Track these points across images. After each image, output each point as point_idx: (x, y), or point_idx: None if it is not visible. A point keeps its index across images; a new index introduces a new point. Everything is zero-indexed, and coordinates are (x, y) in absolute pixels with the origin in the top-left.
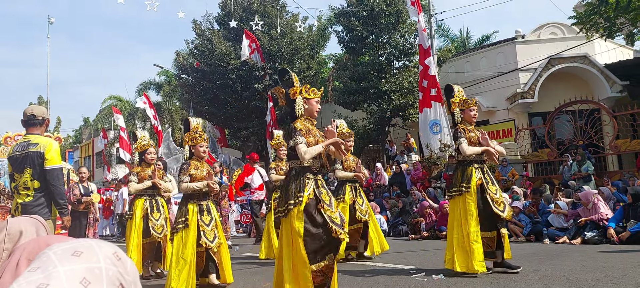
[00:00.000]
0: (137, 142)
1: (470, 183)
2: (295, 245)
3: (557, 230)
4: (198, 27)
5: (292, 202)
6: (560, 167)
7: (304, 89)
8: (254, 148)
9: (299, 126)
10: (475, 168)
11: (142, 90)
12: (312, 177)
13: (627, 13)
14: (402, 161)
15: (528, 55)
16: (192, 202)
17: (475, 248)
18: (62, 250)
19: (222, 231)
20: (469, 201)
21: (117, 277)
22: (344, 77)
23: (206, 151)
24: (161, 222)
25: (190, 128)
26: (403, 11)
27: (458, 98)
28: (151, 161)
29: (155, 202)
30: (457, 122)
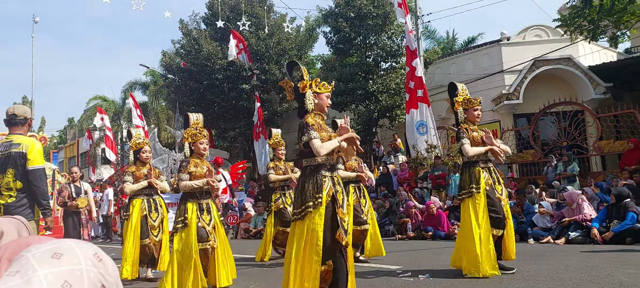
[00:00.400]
0: (132, 140)
1: (480, 184)
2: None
3: (541, 230)
4: (185, 26)
5: (311, 203)
6: (544, 167)
7: (314, 82)
8: (241, 149)
9: (311, 121)
10: (481, 168)
11: (128, 90)
12: (329, 175)
13: (611, 15)
14: (389, 162)
15: (513, 57)
16: (191, 200)
17: (489, 249)
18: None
19: (223, 232)
20: (480, 203)
21: (98, 279)
22: (332, 78)
23: (206, 148)
24: (158, 223)
25: (190, 124)
26: (390, 13)
27: (462, 97)
28: (146, 160)
29: (153, 201)
30: (460, 122)
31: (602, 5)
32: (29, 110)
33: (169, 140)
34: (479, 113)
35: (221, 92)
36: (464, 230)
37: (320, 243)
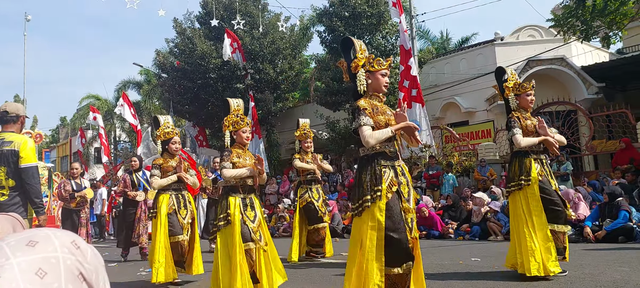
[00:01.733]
0: (160, 129)
1: (531, 175)
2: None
3: None
4: (179, 25)
5: (369, 197)
6: None
7: (368, 60)
8: None
9: (364, 104)
10: (533, 159)
11: (121, 89)
12: (389, 164)
13: (604, 16)
14: None
15: (507, 57)
16: (234, 194)
17: (548, 247)
18: (16, 240)
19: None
20: (531, 195)
21: (76, 266)
22: (326, 77)
23: (249, 137)
24: (188, 220)
25: (231, 110)
26: (385, 12)
27: (512, 82)
28: (175, 151)
29: (182, 197)
30: (512, 109)
31: (595, 5)
32: (22, 107)
33: None
34: (532, 98)
35: (215, 91)
36: (516, 227)
37: (382, 242)
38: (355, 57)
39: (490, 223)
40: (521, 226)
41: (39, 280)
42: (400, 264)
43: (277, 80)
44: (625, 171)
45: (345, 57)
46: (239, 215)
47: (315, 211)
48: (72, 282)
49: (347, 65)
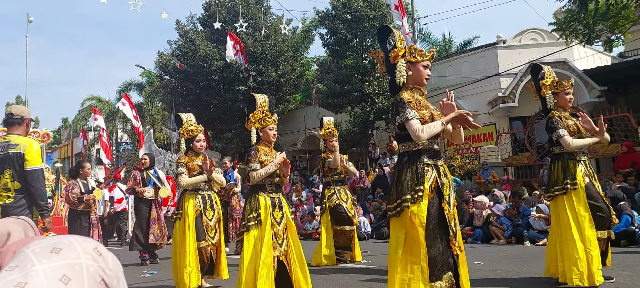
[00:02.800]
0: (183, 126)
1: (577, 179)
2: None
3: (537, 232)
4: (181, 27)
5: (409, 197)
6: (539, 170)
7: (409, 50)
8: (237, 150)
9: (407, 97)
10: (577, 160)
11: (123, 90)
12: (432, 163)
13: (606, 20)
14: (384, 164)
15: (509, 60)
16: (263, 193)
17: (594, 255)
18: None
19: (295, 233)
20: (577, 200)
21: (98, 273)
22: (328, 79)
23: (275, 134)
24: (214, 222)
25: (257, 106)
26: (387, 15)
27: (549, 80)
28: (200, 149)
29: (208, 197)
30: (550, 109)
31: (598, 9)
32: (27, 110)
33: (165, 141)
34: (571, 97)
35: (217, 94)
36: (561, 233)
37: (424, 248)
38: (393, 46)
39: (493, 227)
40: (565, 233)
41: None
42: (440, 276)
43: (278, 82)
44: (627, 175)
45: (381, 47)
46: (269, 216)
47: (344, 213)
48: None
49: (385, 55)
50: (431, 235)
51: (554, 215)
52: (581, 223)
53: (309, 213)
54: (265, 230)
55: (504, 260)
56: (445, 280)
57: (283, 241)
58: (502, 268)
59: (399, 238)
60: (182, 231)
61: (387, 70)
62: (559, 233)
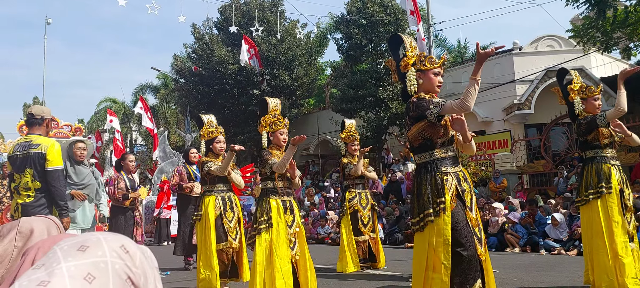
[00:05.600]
0: (203, 128)
1: (611, 183)
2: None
3: (553, 241)
4: (197, 31)
5: (431, 211)
6: (555, 178)
7: (418, 58)
8: (250, 153)
9: (423, 95)
10: (612, 165)
11: (138, 92)
12: (451, 170)
13: (624, 27)
14: (398, 169)
15: (525, 67)
16: (274, 196)
17: (627, 263)
18: (69, 245)
19: (304, 237)
20: (612, 205)
21: (124, 271)
22: (342, 84)
23: (286, 139)
24: (234, 223)
25: (268, 110)
26: (403, 20)
27: (577, 85)
28: (220, 151)
29: (228, 199)
30: (577, 114)
31: (616, 17)
32: (48, 110)
33: (179, 143)
34: (600, 103)
35: (231, 97)
36: (593, 240)
37: (448, 262)
38: (404, 55)
39: (508, 235)
40: (596, 239)
41: (88, 285)
42: (472, 283)
43: (292, 86)
44: None
45: (393, 55)
46: (283, 219)
47: (357, 222)
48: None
49: (396, 64)
50: (464, 243)
51: (585, 221)
52: (614, 230)
53: (322, 218)
54: (280, 234)
55: (519, 268)
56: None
57: (295, 245)
58: (518, 276)
59: (423, 253)
60: (202, 233)
61: (399, 79)
62: (589, 239)
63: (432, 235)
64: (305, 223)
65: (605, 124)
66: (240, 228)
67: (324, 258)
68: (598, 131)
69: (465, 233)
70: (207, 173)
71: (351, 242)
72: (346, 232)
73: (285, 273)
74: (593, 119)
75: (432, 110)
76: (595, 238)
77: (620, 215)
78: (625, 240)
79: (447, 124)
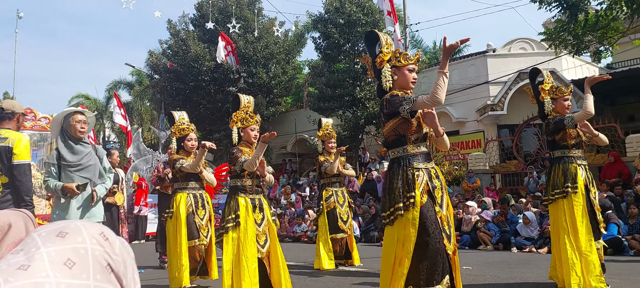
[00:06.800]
0: (175, 125)
1: (577, 183)
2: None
3: (524, 239)
4: (173, 27)
5: (401, 205)
6: (525, 178)
7: (394, 55)
8: (226, 151)
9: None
10: (578, 164)
11: (112, 89)
12: (423, 166)
13: (595, 31)
14: (374, 168)
15: (498, 69)
16: (242, 194)
17: (591, 260)
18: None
19: (275, 235)
20: (577, 204)
21: (104, 257)
22: (320, 83)
23: (257, 135)
24: (206, 221)
25: (241, 106)
26: (380, 21)
27: (549, 85)
28: (192, 149)
29: (200, 197)
30: (547, 114)
31: (587, 20)
32: (18, 104)
33: (153, 141)
34: (569, 104)
35: (207, 94)
36: (559, 238)
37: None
38: (380, 51)
39: (481, 233)
40: (563, 237)
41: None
42: (440, 280)
43: (270, 84)
44: (613, 185)
45: (369, 52)
46: (252, 217)
47: (336, 220)
48: (100, 273)
49: (372, 61)
50: (431, 238)
51: (553, 219)
52: (579, 228)
53: (298, 216)
54: (248, 232)
55: (492, 265)
56: (444, 285)
57: (265, 242)
58: (491, 273)
59: (392, 247)
60: (174, 230)
61: (375, 76)
62: (557, 237)
63: (401, 229)
64: (282, 222)
65: (572, 125)
66: (211, 226)
67: (300, 257)
68: (565, 132)
69: (433, 229)
70: (179, 170)
71: (327, 240)
72: (323, 230)
73: (252, 272)
74: (561, 119)
75: (405, 106)
76: (561, 236)
77: (585, 214)
78: (590, 238)
79: (420, 120)
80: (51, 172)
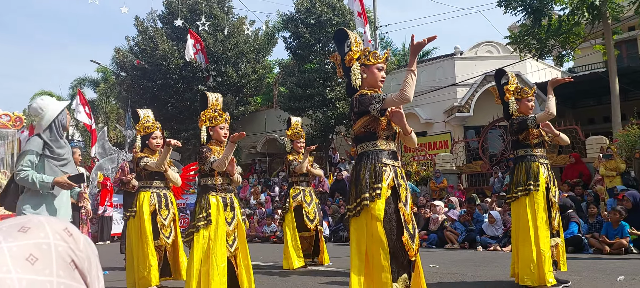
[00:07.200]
0: (139, 123)
1: (539, 181)
2: (373, 254)
3: (489, 238)
4: (140, 24)
5: (368, 195)
6: (491, 178)
7: (363, 53)
8: (193, 151)
9: (365, 91)
10: (540, 163)
11: (76, 86)
12: (390, 163)
13: (557, 36)
14: (344, 168)
15: (465, 71)
16: (213, 193)
17: (548, 256)
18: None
19: (244, 235)
20: (539, 202)
21: (67, 253)
22: (290, 83)
23: (227, 134)
24: (169, 221)
25: (209, 105)
26: (350, 22)
27: (513, 86)
28: (156, 147)
29: (163, 196)
30: (512, 114)
31: (550, 25)
32: None
33: (119, 140)
34: (533, 104)
35: (175, 93)
36: (519, 234)
37: (386, 245)
38: (350, 49)
39: (447, 232)
40: (523, 233)
41: (30, 266)
42: (397, 277)
43: (239, 83)
44: (574, 185)
45: (338, 50)
46: (222, 215)
47: (303, 217)
48: (63, 269)
49: (341, 59)
50: (388, 235)
51: (514, 216)
52: (539, 225)
53: (268, 216)
54: (218, 231)
55: (458, 263)
56: (401, 282)
57: (234, 241)
58: (457, 271)
59: (359, 239)
60: (138, 230)
61: (344, 74)
62: (517, 234)
63: (367, 219)
64: (251, 222)
65: (535, 125)
66: (176, 227)
67: (269, 257)
68: (529, 131)
69: (392, 224)
70: (143, 169)
71: (295, 238)
72: (290, 228)
73: (221, 271)
74: (524, 119)
75: (375, 105)
76: (521, 233)
77: (546, 212)
78: (548, 234)
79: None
80: (31, 162)
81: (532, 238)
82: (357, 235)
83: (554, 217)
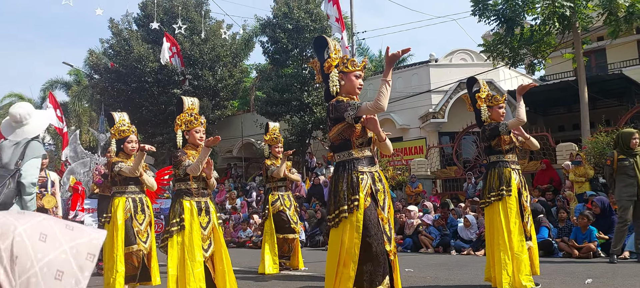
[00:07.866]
0: (114, 127)
1: (511, 186)
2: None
3: (463, 242)
4: (115, 26)
5: (346, 207)
6: (464, 184)
7: (341, 60)
8: (168, 155)
9: (341, 97)
10: (512, 169)
11: (47, 88)
12: (367, 170)
13: (530, 45)
14: (321, 173)
15: (440, 78)
16: (188, 198)
17: (523, 260)
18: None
19: (221, 236)
20: (511, 206)
21: None
22: (267, 87)
23: (203, 137)
24: (145, 226)
25: (184, 109)
26: (327, 28)
27: (485, 93)
28: (132, 151)
29: (139, 201)
30: (484, 121)
31: (523, 34)
32: None
33: (91, 143)
34: (504, 111)
35: (150, 96)
36: (494, 239)
37: (357, 258)
38: (328, 56)
39: (422, 236)
40: (497, 238)
41: None
42: (381, 280)
43: (216, 87)
44: (545, 190)
45: (318, 57)
46: (197, 220)
47: (287, 220)
48: None
49: (320, 65)
50: (373, 240)
51: (488, 221)
52: (512, 230)
53: (244, 221)
54: (193, 236)
55: (432, 267)
56: (384, 285)
57: (209, 246)
58: (431, 275)
59: (336, 249)
60: (111, 235)
61: (323, 80)
62: (491, 239)
63: (345, 231)
64: (227, 227)
65: (507, 131)
66: (152, 231)
67: (245, 262)
68: (500, 138)
69: (375, 231)
70: (118, 173)
71: (273, 244)
72: (269, 234)
73: (197, 276)
74: (496, 126)
75: (350, 112)
76: (495, 237)
77: (518, 216)
78: (522, 239)
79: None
80: None
81: (507, 243)
82: (334, 245)
83: (527, 221)
